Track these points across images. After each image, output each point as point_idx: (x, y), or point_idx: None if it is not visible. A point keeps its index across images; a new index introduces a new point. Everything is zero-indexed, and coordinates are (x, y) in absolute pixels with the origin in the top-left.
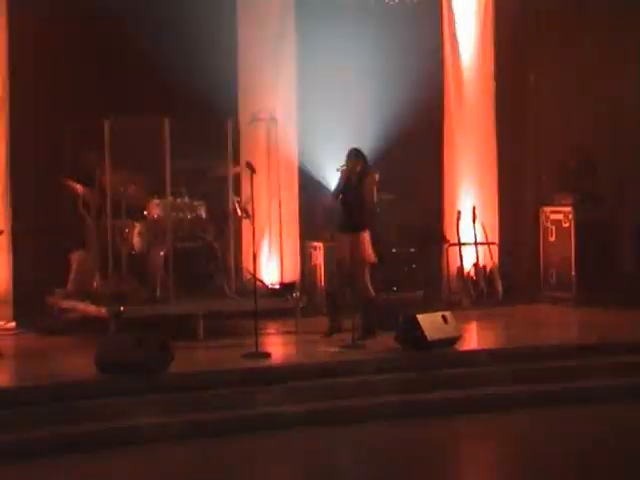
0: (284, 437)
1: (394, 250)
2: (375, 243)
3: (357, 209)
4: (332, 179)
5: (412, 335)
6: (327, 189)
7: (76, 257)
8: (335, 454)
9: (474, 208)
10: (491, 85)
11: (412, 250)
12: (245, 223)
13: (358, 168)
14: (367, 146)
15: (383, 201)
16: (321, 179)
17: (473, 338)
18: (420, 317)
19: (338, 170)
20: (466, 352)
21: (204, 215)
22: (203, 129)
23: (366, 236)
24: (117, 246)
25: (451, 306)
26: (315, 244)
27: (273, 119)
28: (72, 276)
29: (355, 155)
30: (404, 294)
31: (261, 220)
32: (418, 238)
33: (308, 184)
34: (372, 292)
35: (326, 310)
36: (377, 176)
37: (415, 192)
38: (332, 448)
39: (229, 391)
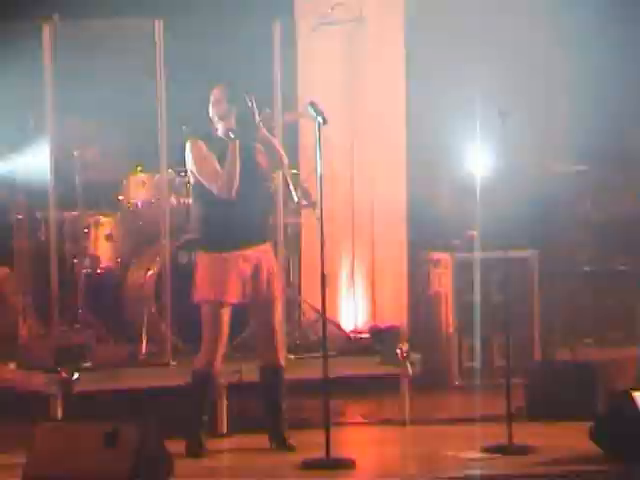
0: None
1: (587, 268)
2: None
3: (262, 203)
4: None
5: (623, 429)
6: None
7: None
8: None
9: None
10: None
11: (623, 268)
12: (306, 216)
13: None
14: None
15: (561, 177)
16: (450, 140)
17: None
18: (638, 396)
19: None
20: None
21: None
22: (228, 41)
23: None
24: (68, 259)
25: None
26: (437, 256)
27: (360, 21)
28: None
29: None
30: (608, 351)
31: (336, 212)
32: (635, 245)
33: (424, 149)
34: (283, 357)
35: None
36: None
37: (628, 162)
38: None
39: None
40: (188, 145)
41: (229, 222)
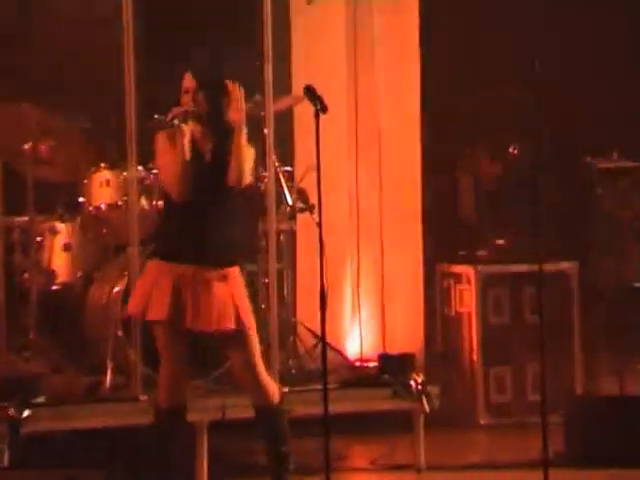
0: None
1: (637, 284)
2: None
3: (229, 217)
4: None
5: None
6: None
7: None
8: None
9: None
10: None
11: None
12: (302, 222)
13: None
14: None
15: (605, 175)
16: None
17: None
18: None
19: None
20: None
21: None
22: (211, 13)
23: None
24: (17, 274)
25: None
26: (459, 269)
27: None
28: None
29: (205, 79)
30: None
31: (339, 216)
32: None
33: (443, 140)
34: (277, 393)
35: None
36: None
37: None
38: None
39: None
40: (156, 136)
41: (183, 232)
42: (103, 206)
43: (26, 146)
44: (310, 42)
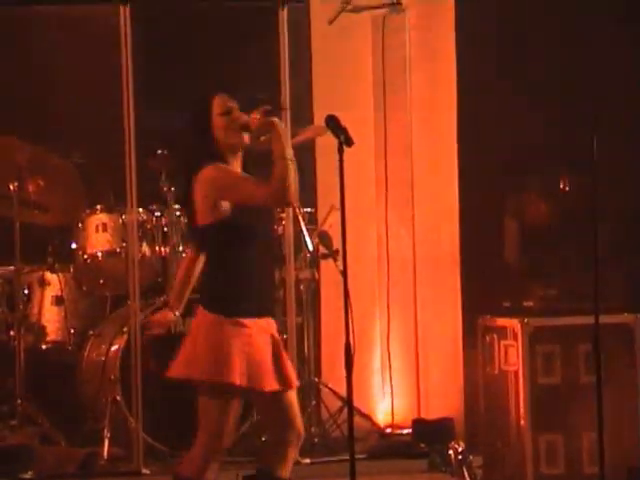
0: None
1: None
2: None
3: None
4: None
5: None
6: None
7: None
8: None
9: None
10: None
11: None
12: (326, 269)
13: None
14: None
15: None
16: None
17: None
18: None
19: None
20: None
21: None
22: (222, 32)
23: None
24: (3, 331)
25: None
26: (503, 322)
27: (395, 9)
28: None
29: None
30: None
31: (366, 263)
32: None
33: (483, 174)
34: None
35: None
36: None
37: None
38: None
39: None
40: (206, 171)
41: (258, 280)
42: (99, 253)
43: (12, 186)
44: (333, 67)
